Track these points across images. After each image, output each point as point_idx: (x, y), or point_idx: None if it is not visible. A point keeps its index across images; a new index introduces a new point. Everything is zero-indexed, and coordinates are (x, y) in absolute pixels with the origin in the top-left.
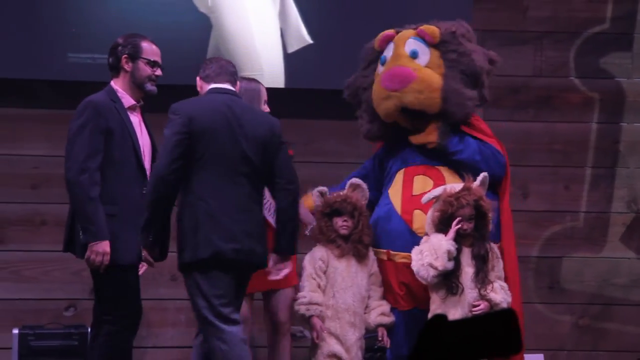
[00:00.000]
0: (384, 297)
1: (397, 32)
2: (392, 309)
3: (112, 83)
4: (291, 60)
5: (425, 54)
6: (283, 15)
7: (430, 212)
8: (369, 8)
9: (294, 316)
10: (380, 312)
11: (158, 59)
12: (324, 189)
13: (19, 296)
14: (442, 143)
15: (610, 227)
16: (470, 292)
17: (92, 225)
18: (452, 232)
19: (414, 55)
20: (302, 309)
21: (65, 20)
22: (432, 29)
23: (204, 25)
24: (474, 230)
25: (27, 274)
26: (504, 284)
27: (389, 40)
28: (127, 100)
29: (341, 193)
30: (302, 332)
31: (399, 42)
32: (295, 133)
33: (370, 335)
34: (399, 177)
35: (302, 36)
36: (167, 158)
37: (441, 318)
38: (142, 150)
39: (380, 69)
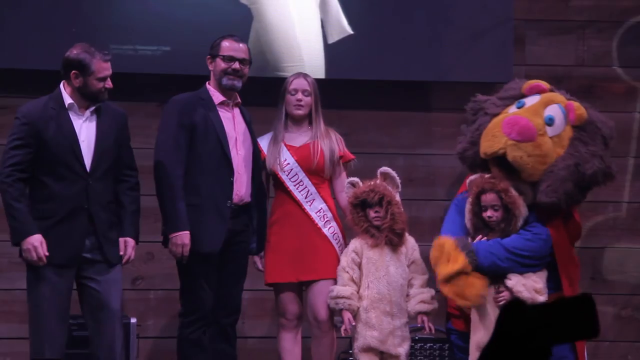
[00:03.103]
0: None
1: (550, 90)
2: None
3: (207, 83)
4: (331, 51)
5: (559, 127)
6: (323, 5)
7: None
8: None
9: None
10: (420, 300)
11: (234, 53)
12: (355, 179)
13: None
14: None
15: None
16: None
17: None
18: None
19: (549, 121)
20: (331, 303)
21: (107, 13)
22: (581, 112)
23: (245, 16)
24: (501, 230)
25: None
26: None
27: (538, 91)
28: (217, 97)
29: (370, 183)
30: (341, 323)
31: (545, 101)
32: (336, 124)
33: (413, 326)
34: None
35: (342, 27)
36: None
37: (519, 303)
38: (234, 141)
39: (512, 109)
